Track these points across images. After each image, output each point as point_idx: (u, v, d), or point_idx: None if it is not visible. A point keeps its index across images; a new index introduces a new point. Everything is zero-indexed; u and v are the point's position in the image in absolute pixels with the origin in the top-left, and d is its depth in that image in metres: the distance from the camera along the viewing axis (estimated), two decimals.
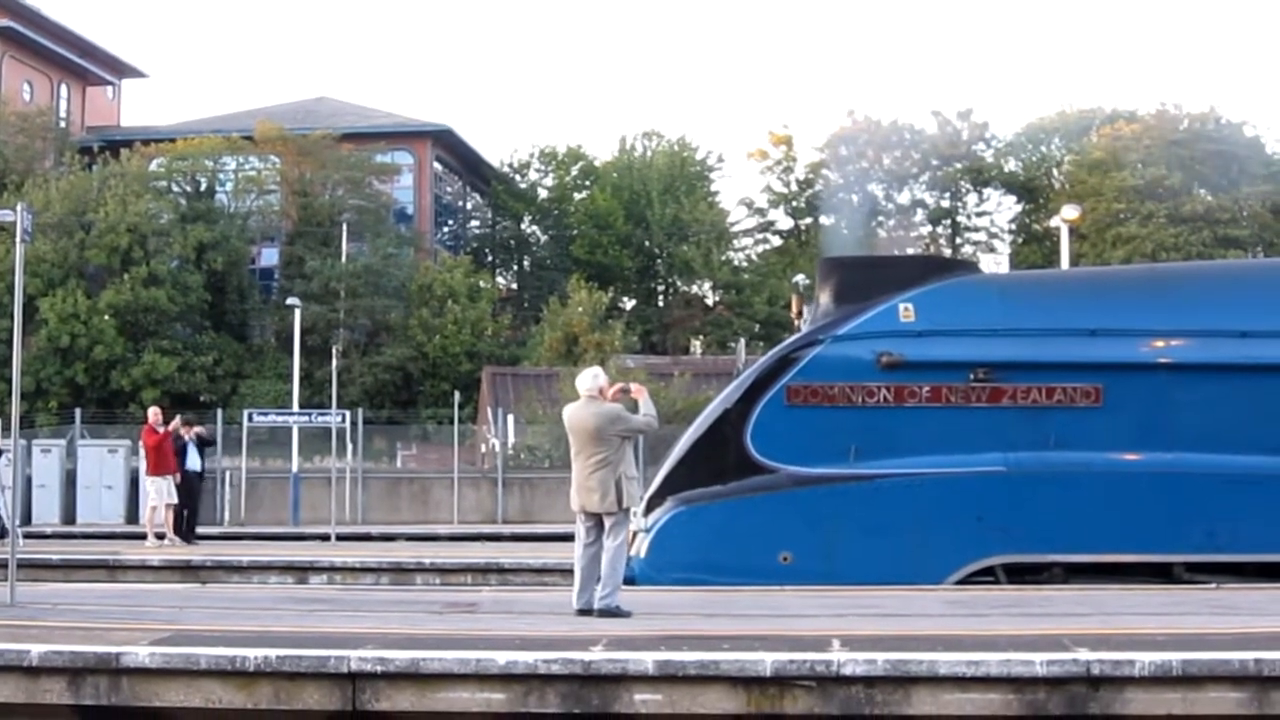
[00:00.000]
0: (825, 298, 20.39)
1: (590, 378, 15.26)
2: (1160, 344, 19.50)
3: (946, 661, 10.84)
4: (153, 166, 68.13)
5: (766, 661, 10.87)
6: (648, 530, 18.94)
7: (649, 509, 19.13)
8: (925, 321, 19.55)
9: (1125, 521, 18.88)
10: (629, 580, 18.44)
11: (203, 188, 69.04)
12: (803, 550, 18.89)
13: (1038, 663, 10.81)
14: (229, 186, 70.38)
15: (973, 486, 19.06)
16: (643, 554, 18.81)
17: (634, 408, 15.40)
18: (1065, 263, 40.54)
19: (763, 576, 18.01)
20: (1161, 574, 18.84)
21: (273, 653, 11.21)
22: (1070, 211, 41.73)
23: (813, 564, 18.66)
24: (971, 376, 19.31)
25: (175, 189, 68.66)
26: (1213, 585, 17.64)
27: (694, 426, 19.81)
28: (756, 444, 19.19)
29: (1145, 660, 10.79)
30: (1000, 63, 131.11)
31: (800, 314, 21.43)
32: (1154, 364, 19.37)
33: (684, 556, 15.12)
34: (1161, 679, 10.76)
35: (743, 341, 30.74)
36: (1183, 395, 19.20)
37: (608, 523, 14.71)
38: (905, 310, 19.61)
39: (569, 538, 16.10)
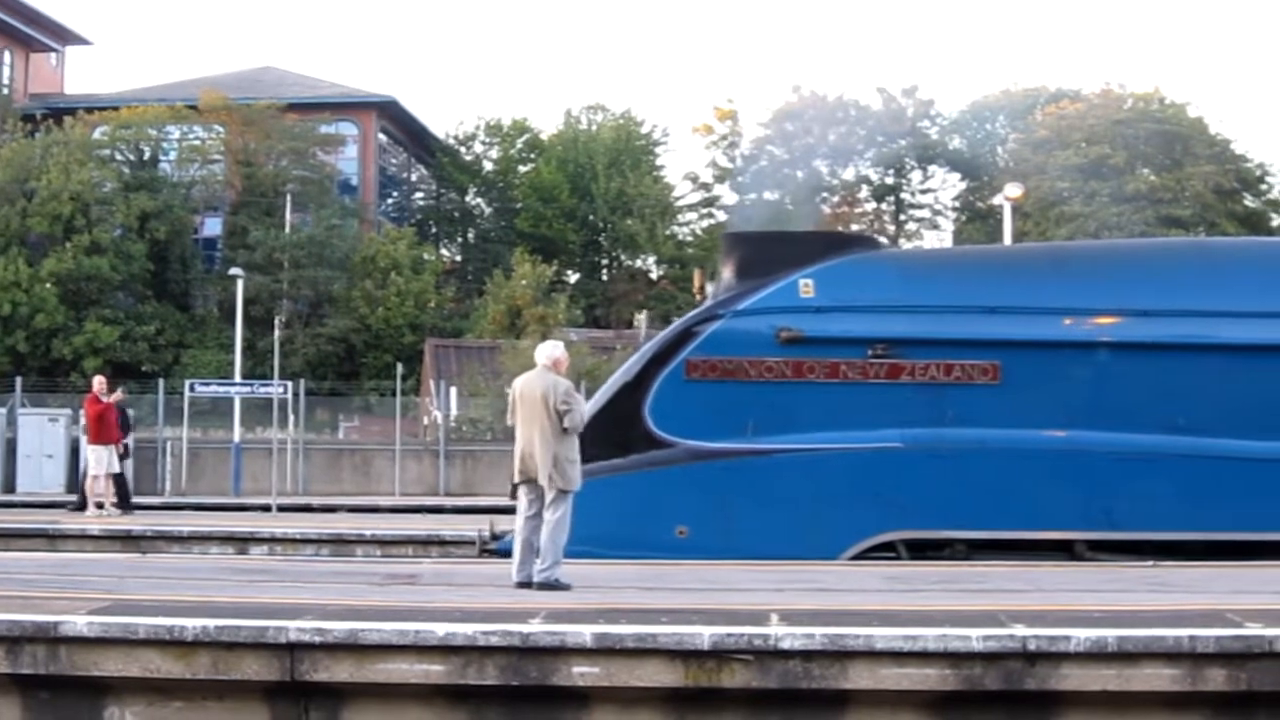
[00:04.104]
0: (727, 272, 20.44)
1: (549, 348, 15.27)
2: (1058, 322, 19.57)
3: (884, 636, 10.90)
4: (96, 135, 67.58)
5: (704, 635, 10.91)
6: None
7: None
8: (825, 297, 19.58)
9: (1025, 499, 19.00)
10: None
11: (146, 156, 68.54)
12: (700, 525, 18.96)
13: (974, 638, 10.89)
14: (173, 155, 69.82)
15: (871, 462, 19.16)
16: None
17: None
18: (1008, 240, 40.67)
19: (659, 551, 18.04)
20: (1063, 551, 18.98)
21: (211, 623, 11.19)
22: (1013, 190, 41.85)
23: (709, 539, 18.73)
24: (870, 352, 19.37)
25: (119, 157, 68.12)
26: (1149, 563, 17.77)
27: (594, 400, 19.76)
28: (655, 418, 19.21)
29: (1081, 636, 10.88)
30: (946, 40, 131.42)
31: (702, 289, 21.50)
32: (1052, 342, 19.42)
33: (581, 530, 15.12)
34: (1097, 655, 10.85)
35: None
36: (1081, 373, 19.35)
37: (548, 496, 14.71)
38: (805, 286, 19.64)
39: (510, 510, 16.10)
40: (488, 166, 79.50)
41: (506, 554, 19.20)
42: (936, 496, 19.07)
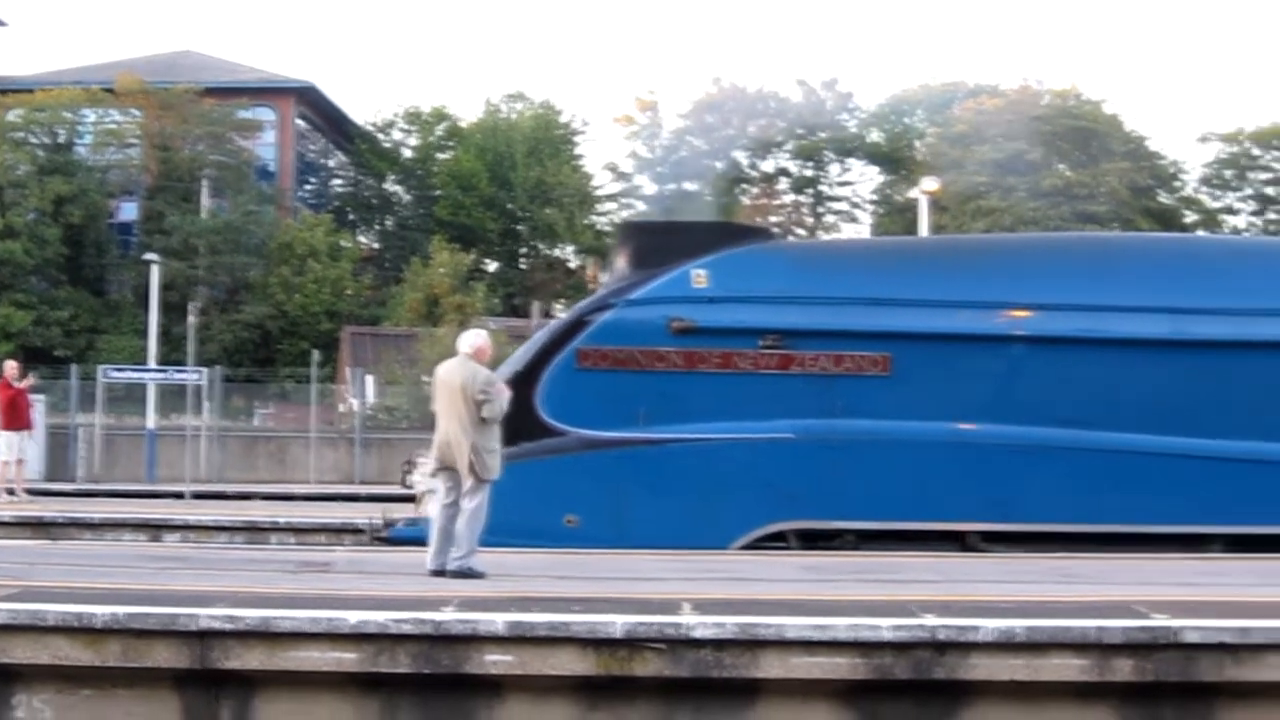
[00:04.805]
0: (622, 262, 20.51)
1: (472, 336, 15.25)
2: (949, 314, 19.75)
3: (795, 626, 10.96)
4: (10, 117, 66.77)
5: (617, 623, 10.94)
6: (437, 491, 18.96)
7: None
8: (717, 287, 19.70)
9: (916, 490, 19.20)
10: (418, 541, 18.50)
11: (61, 140, 67.80)
12: (590, 513, 19.04)
13: (884, 628, 10.97)
14: (88, 139, 69.19)
15: (762, 452, 19.29)
16: (431, 514, 18.84)
17: None
18: (924, 234, 40.92)
19: (549, 540, 18.08)
20: (956, 542, 19.16)
21: (122, 610, 11.12)
22: (930, 183, 42.14)
23: (599, 528, 18.80)
24: (762, 343, 19.49)
25: (33, 140, 67.31)
26: (1058, 555, 17.95)
27: None
28: (546, 406, 19.27)
29: (990, 627, 10.98)
30: (866, 34, 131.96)
31: (596, 278, 21.58)
32: (942, 334, 19.61)
33: None
34: (1006, 645, 10.95)
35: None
36: (971, 365, 19.56)
37: (466, 484, 14.69)
38: (698, 276, 19.75)
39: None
40: (407, 154, 79.19)
41: (398, 542, 19.25)
42: (828, 487, 19.23)
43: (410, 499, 21.77)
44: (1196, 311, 19.77)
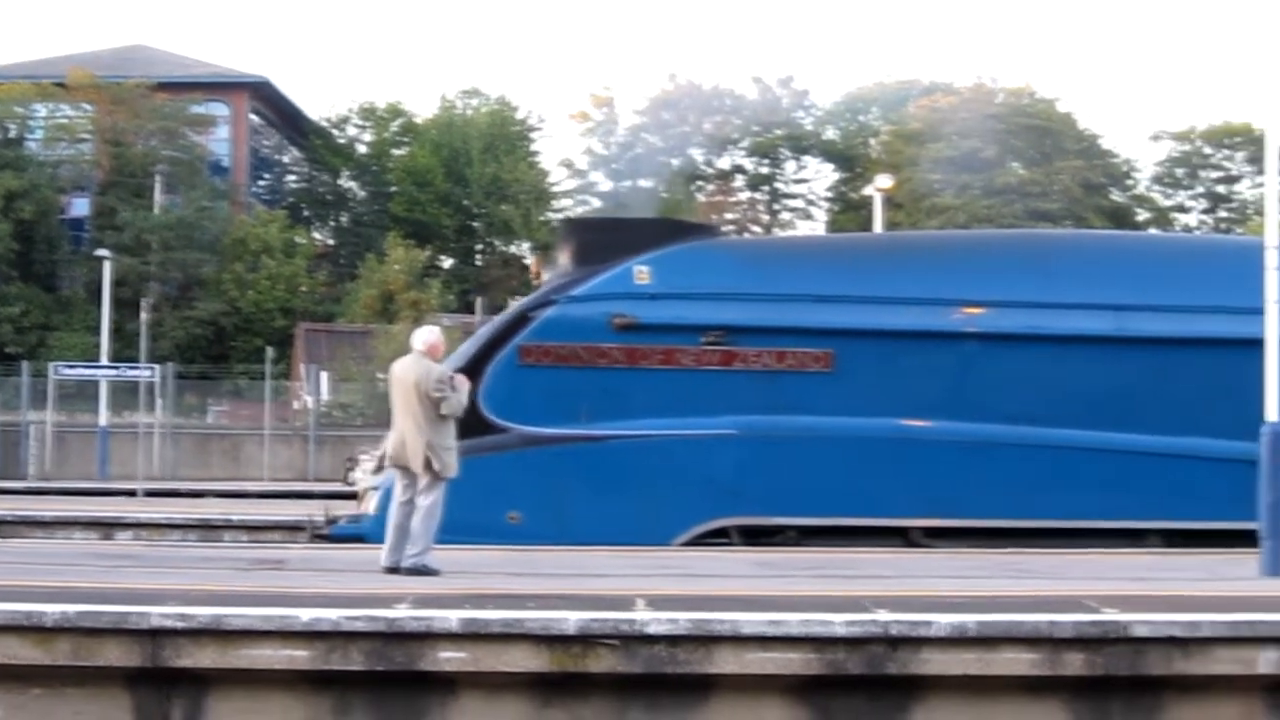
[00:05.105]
0: (564, 258, 20.52)
1: (425, 333, 15.18)
2: (892, 311, 19.81)
3: (749, 621, 10.96)
4: None
5: (571, 620, 10.92)
6: (378, 488, 18.95)
7: (381, 467, 19.18)
8: (660, 284, 19.72)
9: (858, 486, 19.26)
10: (360, 538, 18.47)
11: (12, 135, 67.52)
12: (532, 510, 19.05)
13: (837, 623, 10.98)
14: (40, 134, 68.91)
15: (704, 449, 19.33)
16: (373, 511, 18.83)
17: None
18: (879, 230, 41.01)
19: (491, 536, 18.04)
20: (899, 538, 19.23)
21: (72, 608, 11.03)
22: (884, 181, 42.34)
23: (542, 524, 18.82)
24: (704, 340, 19.53)
25: None
26: (1003, 550, 18.03)
27: None
28: (488, 403, 19.24)
29: (942, 621, 11.01)
30: (821, 32, 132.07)
31: (539, 275, 21.56)
32: (884, 331, 19.68)
33: None
34: (958, 640, 10.97)
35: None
36: (914, 362, 19.63)
37: (422, 481, 14.66)
38: (640, 272, 19.77)
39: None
40: (361, 150, 79.07)
41: (341, 539, 19.21)
42: (770, 483, 19.29)
43: (354, 496, 21.73)
44: (1137, 308, 19.89)
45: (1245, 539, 17.11)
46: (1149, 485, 19.39)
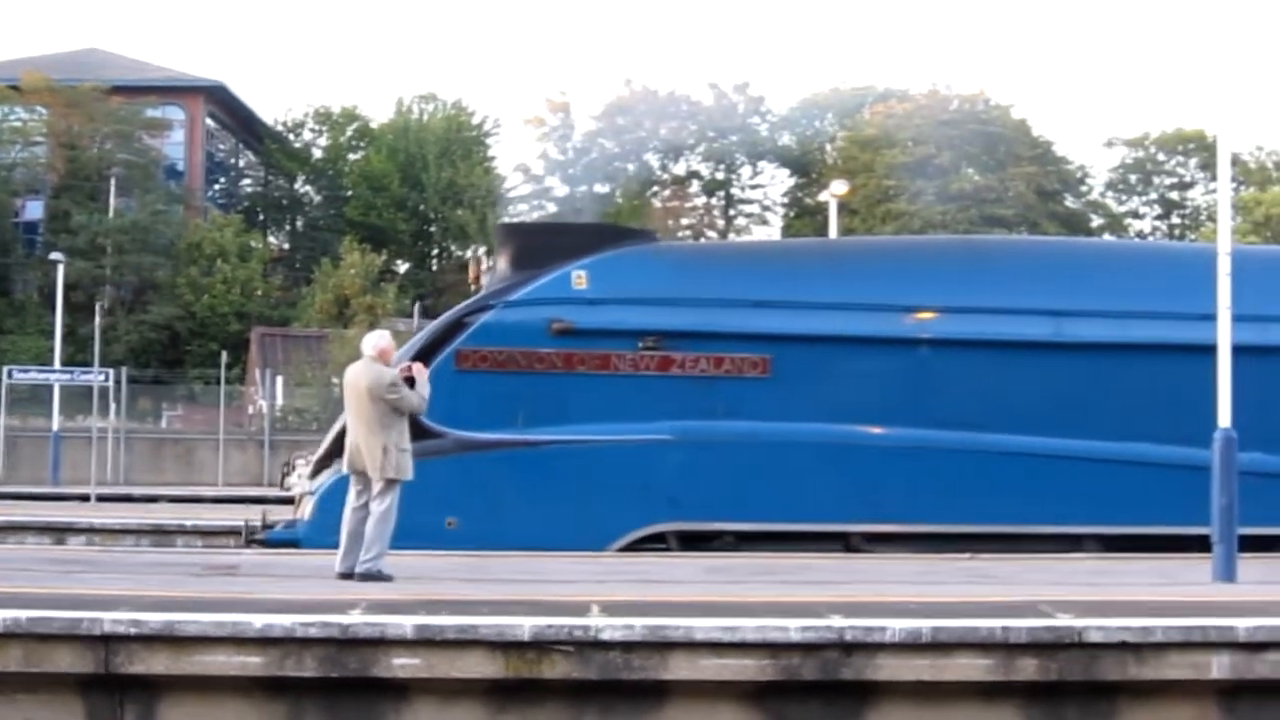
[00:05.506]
0: (502, 263, 20.50)
1: (375, 338, 15.15)
2: (829, 317, 19.85)
3: (703, 627, 10.96)
4: None
5: (525, 626, 10.91)
6: (314, 493, 18.90)
7: (317, 472, 19.16)
8: (597, 289, 19.75)
9: (796, 491, 19.31)
10: (294, 543, 18.41)
11: None
12: (469, 515, 19.05)
13: (792, 629, 10.99)
14: None
15: (641, 454, 19.37)
16: (308, 516, 18.80)
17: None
18: (834, 236, 41.11)
19: (428, 541, 17.98)
20: (839, 543, 19.27)
21: (23, 614, 10.96)
22: (839, 186, 42.37)
23: (479, 529, 18.81)
24: (641, 345, 19.55)
25: None
26: (966, 555, 18.07)
27: None
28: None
29: (896, 627, 11.02)
30: (777, 37, 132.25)
31: (478, 279, 21.53)
32: (822, 336, 19.73)
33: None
34: (912, 646, 10.99)
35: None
36: (851, 367, 19.70)
37: (375, 487, 14.62)
38: (578, 277, 19.80)
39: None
40: (317, 154, 78.91)
41: (277, 544, 19.16)
42: (707, 488, 19.33)
43: (291, 501, 21.66)
44: (1077, 314, 19.96)
45: (1186, 544, 17.25)
46: (1088, 490, 19.48)
